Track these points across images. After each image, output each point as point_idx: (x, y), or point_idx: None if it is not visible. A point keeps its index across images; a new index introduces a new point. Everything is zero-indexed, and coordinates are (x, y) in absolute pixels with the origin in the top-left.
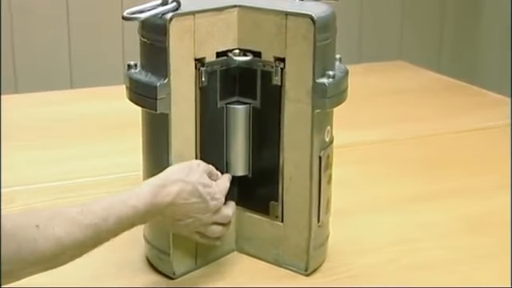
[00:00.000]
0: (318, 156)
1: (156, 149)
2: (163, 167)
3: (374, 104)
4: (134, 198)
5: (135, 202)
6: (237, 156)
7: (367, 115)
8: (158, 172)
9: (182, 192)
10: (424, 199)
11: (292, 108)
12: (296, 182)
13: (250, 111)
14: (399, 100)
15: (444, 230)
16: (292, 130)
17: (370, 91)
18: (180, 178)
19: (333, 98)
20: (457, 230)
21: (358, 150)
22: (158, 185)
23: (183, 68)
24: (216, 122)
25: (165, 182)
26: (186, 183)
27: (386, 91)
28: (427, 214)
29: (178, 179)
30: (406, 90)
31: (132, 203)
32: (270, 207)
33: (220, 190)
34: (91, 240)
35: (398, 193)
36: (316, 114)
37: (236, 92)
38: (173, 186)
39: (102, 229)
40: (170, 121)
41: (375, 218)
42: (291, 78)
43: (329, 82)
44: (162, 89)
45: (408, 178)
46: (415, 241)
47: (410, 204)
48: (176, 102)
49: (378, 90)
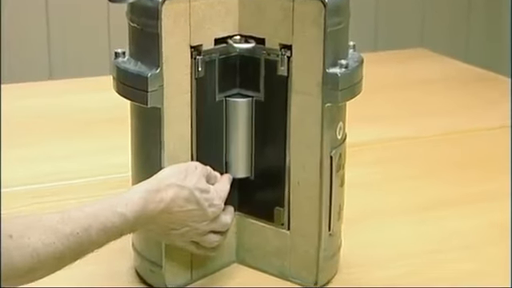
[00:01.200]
0: (328, 156)
1: (147, 148)
2: (155, 169)
3: (392, 97)
4: (122, 204)
5: (124, 209)
6: (237, 156)
7: (385, 109)
8: (149, 174)
9: (178, 198)
10: (450, 204)
11: (300, 101)
12: (304, 185)
13: (252, 105)
14: (421, 92)
15: (473, 240)
16: (300, 126)
17: (387, 82)
18: (175, 183)
19: (346, 91)
20: (488, 240)
21: (374, 149)
22: (151, 190)
23: (177, 56)
24: (214, 117)
25: (158, 186)
26: (181, 188)
27: (406, 82)
28: (454, 221)
29: (174, 184)
30: (428, 81)
31: (120, 210)
32: (275, 213)
33: (219, 195)
34: (72, 251)
35: (420, 197)
36: (327, 109)
37: (237, 84)
38: (167, 191)
39: (84, 239)
40: (163, 116)
41: (394, 226)
42: (299, 68)
43: (341, 73)
44: (154, 80)
45: (431, 181)
46: (439, 252)
47: (433, 210)
48: (169, 94)
49: (396, 81)
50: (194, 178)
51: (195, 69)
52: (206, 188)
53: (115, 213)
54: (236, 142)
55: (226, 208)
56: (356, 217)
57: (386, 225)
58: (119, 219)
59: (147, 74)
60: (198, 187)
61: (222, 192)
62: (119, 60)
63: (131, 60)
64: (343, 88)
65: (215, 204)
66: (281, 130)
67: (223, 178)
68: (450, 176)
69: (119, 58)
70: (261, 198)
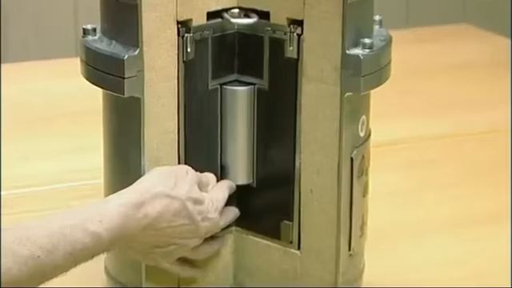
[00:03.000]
0: (349, 157)
1: (124, 148)
2: (134, 174)
3: (427, 85)
4: (95, 220)
5: (97, 226)
6: (236, 158)
7: (418, 100)
8: (127, 181)
9: (167, 212)
10: (499, 219)
11: (313, 90)
12: (318, 194)
13: (253, 95)
14: (463, 79)
15: None
16: (313, 121)
17: (421, 67)
18: (163, 192)
19: (370, 77)
20: None
21: (404, 150)
22: (132, 202)
23: (161, 34)
24: (207, 109)
25: (142, 197)
26: (171, 199)
27: (444, 67)
28: (502, 240)
29: (161, 193)
30: (472, 66)
31: (93, 229)
32: (282, 229)
33: (215, 206)
34: (31, 277)
35: (460, 210)
36: (347, 99)
37: (234, 68)
38: (154, 203)
39: (47, 263)
40: (143, 108)
41: (429, 245)
42: (312, 49)
43: (364, 54)
44: (132, 63)
45: (474, 190)
46: (485, 276)
47: (478, 225)
48: (151, 81)
49: (432, 66)
50: (185, 185)
51: (183, 49)
52: (200, 198)
53: (86, 231)
54: (234, 140)
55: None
56: (382, 233)
57: (419, 244)
58: (91, 239)
59: (123, 56)
60: (190, 197)
61: (219, 202)
62: (88, 38)
63: (103, 38)
64: (367, 73)
65: (209, 217)
66: (289, 126)
67: (220, 185)
68: (497, 183)
69: (88, 36)
70: (264, 210)
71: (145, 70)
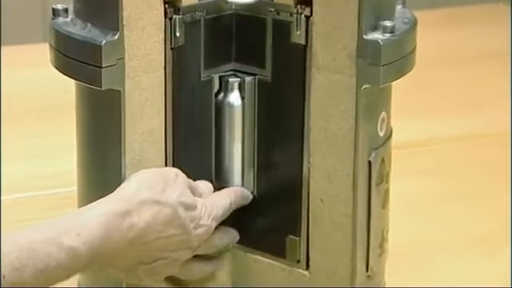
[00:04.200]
0: (366, 161)
1: (101, 150)
2: (112, 180)
3: (457, 76)
4: (72, 234)
5: (74, 240)
6: (233, 162)
7: (446, 94)
8: (104, 189)
9: (156, 221)
10: None
11: (324, 82)
12: (330, 205)
13: (254, 88)
14: (498, 69)
15: None
16: (324, 118)
17: (451, 54)
18: (152, 198)
19: (391, 66)
20: None
21: (432, 153)
22: (116, 211)
23: (145, 16)
24: (199, 105)
25: (126, 205)
26: (161, 206)
27: (476, 54)
28: None
29: (149, 200)
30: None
31: (68, 243)
32: (288, 245)
33: (208, 212)
34: None
35: (495, 224)
36: (364, 92)
37: (231, 56)
38: (141, 211)
39: (15, 283)
40: (124, 103)
41: (458, 264)
42: (322, 33)
43: (385, 39)
44: (110, 50)
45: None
46: None
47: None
48: (133, 71)
49: (464, 52)
50: (176, 189)
51: (171, 34)
52: (193, 203)
53: (61, 246)
54: (231, 141)
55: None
56: (405, 251)
57: (448, 263)
58: (67, 255)
59: (100, 42)
60: (182, 202)
61: (214, 208)
62: (59, 20)
63: (77, 21)
64: (387, 62)
65: (202, 224)
66: (296, 124)
67: (225, 191)
68: None
69: (59, 18)
70: (267, 223)
71: (126, 59)
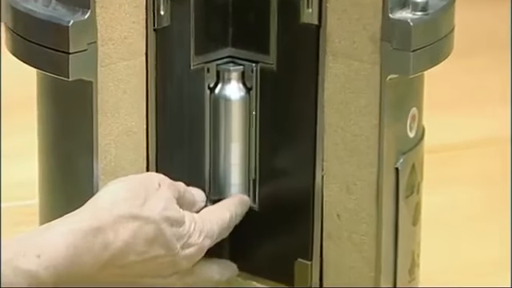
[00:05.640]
0: (393, 168)
1: (67, 154)
2: (82, 191)
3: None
4: (30, 254)
5: (33, 263)
6: (229, 169)
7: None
8: (72, 201)
9: (136, 240)
10: None
11: (341, 72)
12: (349, 222)
13: (256, 78)
14: None
15: None
16: (341, 115)
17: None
18: (131, 212)
19: (423, 52)
20: None
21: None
22: (86, 228)
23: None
24: (188, 98)
25: (99, 220)
26: (142, 222)
27: None
28: None
29: (128, 214)
30: None
31: (26, 266)
32: (297, 270)
33: (199, 228)
34: None
35: None
36: (390, 84)
37: (228, 40)
38: (117, 228)
39: None
40: (96, 97)
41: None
42: (339, 11)
43: (415, 19)
44: (80, 32)
45: None
46: None
47: None
48: (108, 58)
49: None
50: (159, 201)
51: (154, 12)
52: (180, 217)
53: (17, 270)
54: (228, 143)
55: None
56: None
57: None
58: (24, 281)
59: (67, 22)
60: (167, 217)
61: (206, 223)
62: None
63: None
64: (419, 47)
65: (192, 243)
66: (306, 123)
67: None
68: None
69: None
70: (271, 244)
71: (99, 43)
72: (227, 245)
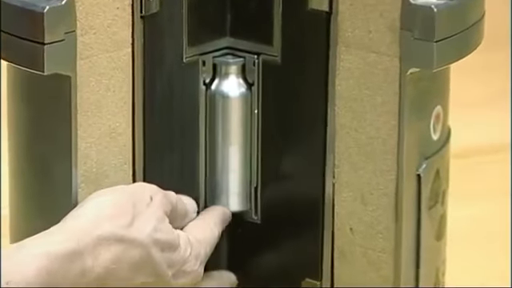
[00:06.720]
0: (414, 175)
1: (42, 160)
2: (59, 203)
3: None
4: None
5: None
6: (227, 176)
7: None
8: (48, 216)
9: (119, 265)
10: None
11: (355, 64)
12: (363, 236)
13: (257, 72)
14: None
15: None
16: (355, 114)
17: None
18: (115, 233)
19: (449, 42)
20: None
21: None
22: (62, 251)
23: None
24: (181, 96)
25: (78, 242)
26: (127, 245)
27: None
28: None
29: (111, 236)
30: None
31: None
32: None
33: (196, 252)
34: None
35: None
36: (411, 79)
37: (226, 30)
38: (98, 252)
39: None
40: (75, 94)
41: None
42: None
43: (440, 5)
44: (56, 20)
45: None
46: None
47: None
48: (89, 49)
49: None
50: (149, 219)
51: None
52: (173, 240)
53: None
54: (225, 146)
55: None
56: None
57: None
58: None
59: (42, 8)
60: (157, 240)
61: (202, 246)
62: None
63: None
64: (444, 36)
65: (187, 270)
66: (315, 124)
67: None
68: None
69: None
70: (275, 261)
71: (78, 32)
72: (224, 263)
